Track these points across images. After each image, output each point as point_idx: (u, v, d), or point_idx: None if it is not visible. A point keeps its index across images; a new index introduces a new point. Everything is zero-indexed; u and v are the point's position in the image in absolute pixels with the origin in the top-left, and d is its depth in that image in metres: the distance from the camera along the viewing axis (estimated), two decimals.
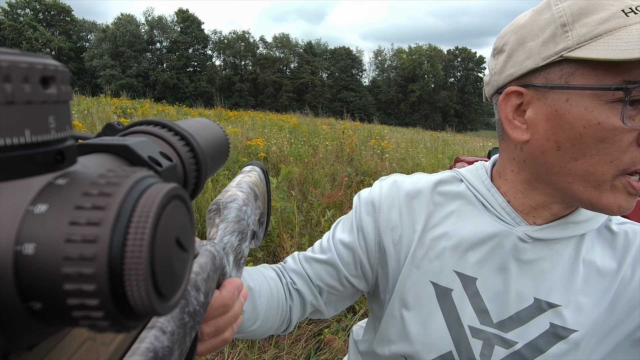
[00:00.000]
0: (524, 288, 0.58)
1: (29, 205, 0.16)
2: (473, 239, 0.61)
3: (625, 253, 0.57)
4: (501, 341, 0.58)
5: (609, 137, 0.47)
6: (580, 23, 0.49)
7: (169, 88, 44.87)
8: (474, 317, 0.60)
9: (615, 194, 0.50)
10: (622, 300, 0.55)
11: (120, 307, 0.16)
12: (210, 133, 0.33)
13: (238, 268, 0.42)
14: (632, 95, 0.45)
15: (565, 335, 0.56)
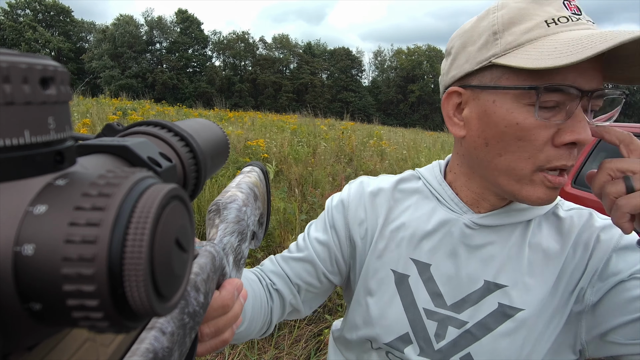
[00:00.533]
0: (474, 271, 0.63)
1: (28, 206, 0.16)
2: (426, 228, 0.66)
3: (569, 236, 0.61)
4: (454, 321, 0.63)
5: (525, 136, 0.52)
6: (509, 32, 0.53)
7: (168, 88, 44.87)
8: (428, 300, 0.65)
9: (535, 187, 0.55)
10: (564, 280, 0.60)
11: (119, 308, 0.16)
12: (210, 133, 0.33)
13: (238, 269, 0.42)
14: (543, 95, 0.51)
15: (512, 314, 0.60)
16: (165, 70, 46.33)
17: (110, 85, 38.42)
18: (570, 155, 0.53)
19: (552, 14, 0.52)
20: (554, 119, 0.52)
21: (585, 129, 0.51)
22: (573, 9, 0.53)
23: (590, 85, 0.51)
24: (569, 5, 0.53)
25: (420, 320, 0.65)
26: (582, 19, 0.53)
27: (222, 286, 0.39)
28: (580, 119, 0.52)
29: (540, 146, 0.52)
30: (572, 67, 0.50)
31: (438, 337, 0.64)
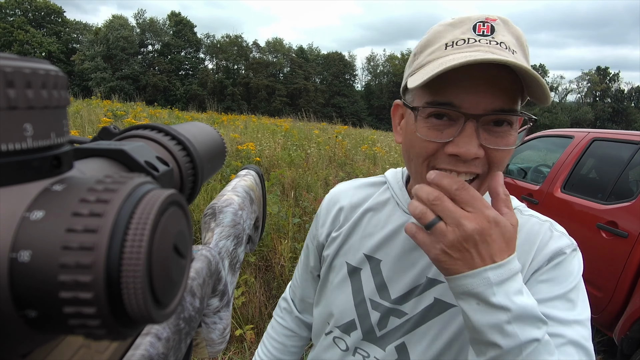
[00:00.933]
0: (419, 269, 0.68)
1: (25, 211, 0.16)
2: (384, 229, 0.72)
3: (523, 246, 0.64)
4: (395, 312, 0.69)
5: (419, 144, 0.59)
6: (422, 54, 0.60)
7: (159, 91, 44.60)
8: (375, 293, 0.71)
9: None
10: None
11: (117, 315, 0.16)
12: (207, 137, 0.32)
13: (233, 273, 0.42)
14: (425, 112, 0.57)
15: (445, 309, 0.65)
16: (157, 72, 46.07)
17: (101, 87, 38.07)
18: (462, 164, 0.57)
19: (455, 37, 0.56)
20: (447, 132, 0.57)
21: (467, 145, 0.55)
22: (482, 30, 0.56)
23: (479, 106, 0.54)
24: (480, 28, 0.56)
25: (366, 310, 0.71)
26: (482, 41, 0.55)
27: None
28: (466, 134, 0.55)
29: (432, 153, 0.58)
30: (456, 85, 0.55)
31: (380, 325, 0.70)
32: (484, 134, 0.56)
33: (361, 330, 0.72)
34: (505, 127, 0.57)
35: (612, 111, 57.44)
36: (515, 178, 3.69)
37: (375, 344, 0.71)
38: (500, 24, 0.57)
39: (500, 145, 0.57)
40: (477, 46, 0.55)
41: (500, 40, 0.55)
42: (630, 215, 2.41)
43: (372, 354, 0.71)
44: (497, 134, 0.57)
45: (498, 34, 0.56)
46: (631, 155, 2.66)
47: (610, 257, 2.43)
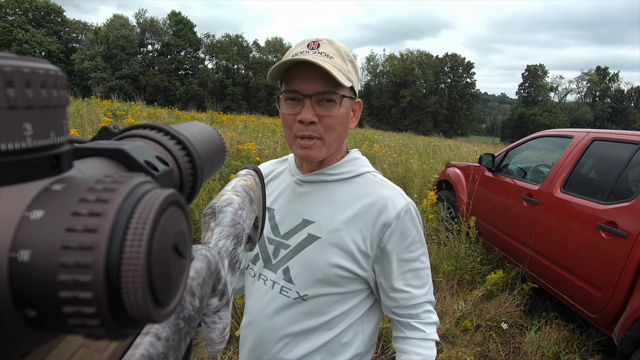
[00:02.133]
0: (298, 212, 0.96)
1: (24, 211, 0.16)
2: (278, 188, 1.03)
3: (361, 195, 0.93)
4: (283, 245, 0.96)
5: (285, 118, 0.89)
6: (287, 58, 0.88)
7: (159, 90, 44.56)
8: (270, 232, 0.98)
9: (297, 148, 0.90)
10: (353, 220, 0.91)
11: (116, 315, 0.16)
12: (207, 137, 0.32)
13: (233, 273, 0.42)
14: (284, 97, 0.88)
15: (314, 240, 0.92)
16: (157, 72, 46.03)
17: (100, 86, 38.04)
18: (305, 129, 0.86)
19: (297, 51, 0.88)
20: (297, 108, 0.87)
21: (305, 113, 0.85)
22: (312, 47, 0.87)
23: (310, 89, 0.85)
24: (312, 45, 0.87)
25: (264, 244, 0.98)
26: (310, 52, 0.86)
27: None
28: (305, 107, 0.85)
29: (291, 123, 0.88)
30: (297, 78, 0.86)
31: (274, 255, 0.97)
32: (318, 107, 0.86)
33: (262, 259, 0.98)
34: (332, 104, 0.87)
35: (612, 111, 57.43)
36: (514, 178, 3.69)
37: (270, 269, 0.96)
38: (325, 42, 0.88)
39: (328, 113, 0.86)
40: (306, 54, 0.85)
41: (322, 51, 0.86)
42: (629, 215, 2.41)
43: (269, 277, 0.96)
44: (326, 107, 0.86)
45: (321, 47, 0.87)
46: (631, 155, 2.66)
47: (610, 257, 2.43)
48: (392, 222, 0.89)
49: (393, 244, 0.90)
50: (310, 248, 0.92)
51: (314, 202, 0.95)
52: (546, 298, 3.40)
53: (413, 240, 0.93)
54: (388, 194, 0.93)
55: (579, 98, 62.07)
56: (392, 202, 0.91)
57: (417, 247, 0.93)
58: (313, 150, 0.88)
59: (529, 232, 3.19)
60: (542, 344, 2.74)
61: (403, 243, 0.91)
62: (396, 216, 0.90)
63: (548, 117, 53.10)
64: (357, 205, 0.92)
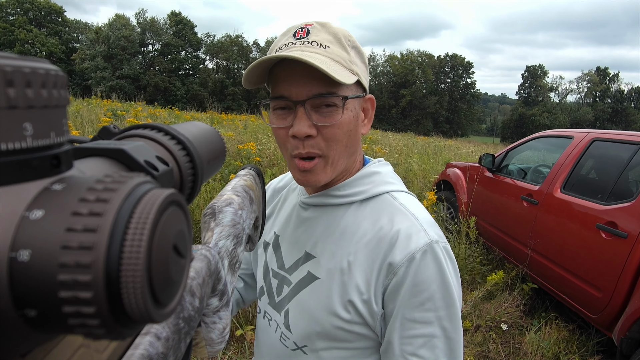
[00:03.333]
0: (301, 242, 0.78)
1: (24, 211, 0.16)
2: (286, 210, 0.85)
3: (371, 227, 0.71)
4: (287, 281, 0.78)
5: (275, 132, 0.70)
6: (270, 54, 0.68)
7: (160, 90, 44.56)
8: (275, 263, 0.82)
9: (294, 171, 0.71)
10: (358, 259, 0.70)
11: (116, 315, 0.16)
12: (207, 137, 0.32)
13: (233, 273, 0.42)
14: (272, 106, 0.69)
15: (312, 281, 0.74)
16: (157, 72, 46.03)
17: (100, 86, 38.02)
18: (302, 145, 0.67)
19: (281, 43, 0.69)
20: (289, 119, 0.67)
21: (298, 125, 0.65)
22: (300, 35, 0.68)
23: (302, 93, 0.65)
24: (299, 33, 0.68)
25: (269, 278, 0.82)
26: (297, 43, 0.67)
27: None
28: (298, 117, 0.66)
29: (285, 139, 0.69)
30: (284, 80, 0.66)
31: (277, 292, 0.80)
32: (316, 115, 0.66)
33: (267, 295, 0.82)
34: (332, 108, 0.66)
35: (612, 112, 57.43)
36: (515, 178, 3.69)
37: (275, 308, 0.80)
38: (316, 27, 0.68)
39: (328, 122, 0.66)
40: (291, 47, 0.67)
41: (313, 40, 0.67)
42: (629, 216, 2.41)
43: (274, 317, 0.80)
44: (326, 114, 0.66)
45: (311, 35, 0.67)
46: (631, 156, 2.65)
47: (610, 258, 2.43)
48: (401, 266, 0.64)
49: (400, 297, 0.65)
50: (308, 290, 0.73)
51: (317, 232, 0.75)
52: (546, 298, 3.40)
53: (431, 296, 0.63)
54: (404, 226, 0.67)
55: (579, 98, 62.06)
56: (406, 237, 0.66)
57: (435, 307, 0.64)
58: (314, 173, 0.68)
59: (529, 233, 3.19)
60: (542, 345, 2.74)
61: (414, 299, 0.64)
62: (408, 259, 0.64)
63: (548, 118, 53.10)
64: (365, 239, 0.69)
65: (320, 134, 0.66)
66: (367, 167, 0.77)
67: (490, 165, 3.97)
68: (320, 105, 0.66)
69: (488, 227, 3.85)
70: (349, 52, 0.69)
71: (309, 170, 0.68)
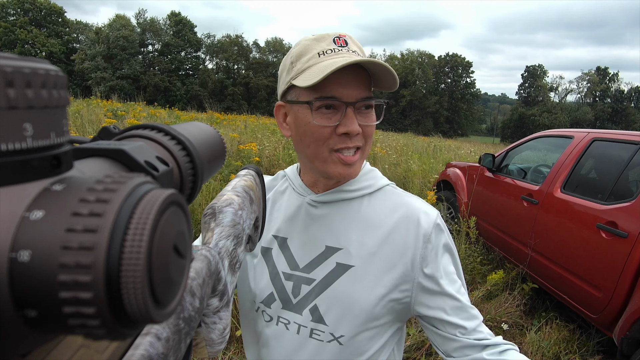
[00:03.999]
0: (318, 239, 0.81)
1: (24, 211, 0.16)
2: (286, 210, 0.86)
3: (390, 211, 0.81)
4: (305, 280, 0.81)
5: (316, 130, 0.74)
6: (298, 61, 0.75)
7: (160, 91, 44.58)
8: (286, 265, 0.83)
9: (335, 165, 0.76)
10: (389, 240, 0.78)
11: (116, 315, 0.16)
12: (207, 137, 0.32)
13: (233, 273, 0.42)
14: (315, 104, 0.72)
15: (345, 270, 0.78)
16: (157, 72, 46.05)
17: (100, 86, 38.02)
18: (350, 141, 0.74)
19: (323, 48, 0.74)
20: (334, 118, 0.73)
21: (352, 124, 0.72)
22: (340, 43, 0.75)
23: (352, 96, 0.72)
24: (338, 41, 0.75)
25: (281, 282, 0.83)
26: (343, 50, 0.74)
27: None
28: (349, 117, 0.72)
29: (328, 136, 0.74)
30: (335, 82, 0.71)
31: (294, 293, 0.81)
32: (359, 116, 0.74)
33: (280, 300, 0.82)
34: (370, 110, 0.77)
35: (612, 111, 57.44)
36: (515, 178, 3.69)
37: (293, 310, 0.81)
38: (349, 38, 0.76)
39: (369, 122, 0.76)
40: (341, 54, 0.73)
41: (353, 49, 0.75)
42: (630, 216, 2.41)
43: (292, 319, 0.81)
44: (366, 115, 0.76)
45: (350, 46, 0.76)
46: (631, 156, 2.65)
47: (610, 258, 2.43)
48: (431, 233, 0.78)
49: (438, 257, 0.78)
50: (343, 280, 0.78)
51: (336, 225, 0.81)
52: (546, 298, 3.40)
53: (452, 251, 0.82)
54: (418, 204, 0.82)
55: (579, 98, 62.06)
56: (424, 212, 0.80)
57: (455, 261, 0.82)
58: (356, 166, 0.76)
59: (529, 232, 3.19)
60: (543, 344, 2.74)
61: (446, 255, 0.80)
62: (434, 226, 0.79)
63: (548, 118, 53.10)
64: (390, 222, 0.79)
65: (362, 132, 0.75)
66: (365, 166, 0.87)
67: (490, 165, 3.97)
68: (361, 107, 0.75)
69: (488, 227, 3.85)
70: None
71: (352, 164, 0.76)
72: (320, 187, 0.84)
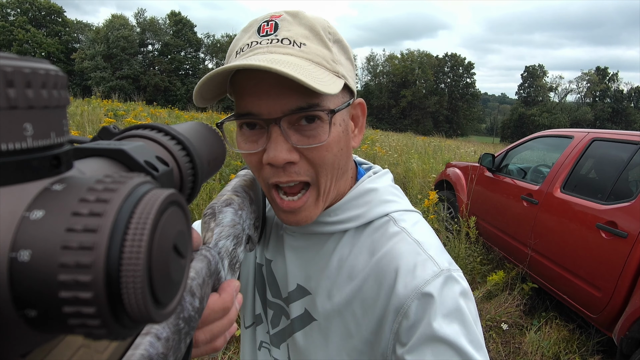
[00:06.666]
0: (293, 273, 0.66)
1: (25, 211, 0.16)
2: (276, 230, 0.70)
3: (370, 259, 0.60)
4: (285, 312, 0.68)
5: (247, 161, 0.55)
6: (226, 61, 0.56)
7: (160, 91, 44.56)
8: (269, 291, 0.70)
9: (278, 210, 0.57)
10: (358, 299, 0.59)
11: (116, 315, 0.16)
12: (207, 137, 0.32)
13: (233, 272, 0.42)
14: (238, 124, 0.54)
15: (309, 321, 0.63)
16: (157, 72, 46.04)
17: (100, 86, 38.00)
18: (282, 173, 0.53)
19: (243, 42, 0.54)
20: (260, 141, 0.54)
21: (275, 150, 0.51)
22: (266, 30, 0.54)
23: (276, 109, 0.51)
24: (264, 28, 0.54)
25: (266, 307, 0.71)
26: (263, 42, 0.53)
27: (222, 288, 0.38)
28: (273, 140, 0.52)
29: (258, 165, 0.54)
30: (249, 93, 0.52)
31: (273, 323, 0.70)
32: (296, 135, 0.53)
33: (266, 323, 0.72)
34: (316, 123, 0.53)
35: (612, 111, 57.44)
36: (515, 178, 3.69)
37: (271, 343, 0.70)
38: (286, 18, 0.54)
39: (313, 143, 0.52)
40: (256, 49, 0.53)
41: (283, 37, 0.52)
42: (629, 216, 2.41)
43: (273, 352, 0.71)
44: (309, 132, 0.53)
45: (282, 30, 0.53)
46: (631, 156, 2.66)
47: (610, 257, 2.43)
48: (410, 303, 0.53)
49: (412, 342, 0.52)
50: (305, 333, 0.63)
51: (310, 263, 0.64)
52: (546, 298, 3.40)
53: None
54: (409, 253, 0.57)
55: (578, 98, 62.07)
56: (412, 266, 0.55)
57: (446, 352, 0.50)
58: (304, 211, 0.56)
59: (529, 232, 3.19)
60: (542, 344, 2.74)
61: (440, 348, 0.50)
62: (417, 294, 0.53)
63: (548, 118, 53.10)
64: (365, 273, 0.58)
65: (304, 158, 0.53)
66: (361, 183, 0.63)
67: (490, 165, 3.97)
68: (298, 121, 0.53)
69: (488, 227, 3.85)
70: (330, 49, 0.54)
71: (295, 211, 0.56)
72: None
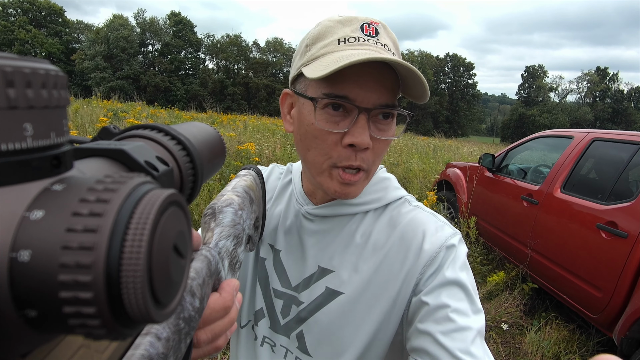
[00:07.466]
0: (312, 257, 0.70)
1: (25, 211, 0.16)
2: (283, 218, 0.74)
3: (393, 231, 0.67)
4: (295, 300, 0.70)
5: (319, 135, 0.60)
6: (314, 45, 0.61)
7: (160, 91, 44.58)
8: (277, 281, 0.72)
9: (332, 181, 0.62)
10: (384, 270, 0.65)
11: (117, 315, 0.16)
12: (207, 137, 0.32)
13: (233, 273, 0.42)
14: (321, 103, 0.58)
15: (334, 297, 0.66)
16: (157, 72, 46.06)
17: (100, 86, 38.02)
18: (355, 157, 0.60)
19: (346, 34, 0.60)
20: (342, 124, 0.59)
21: (362, 135, 0.57)
22: (369, 32, 0.60)
23: (370, 100, 0.57)
24: (367, 29, 0.60)
25: (271, 298, 0.73)
26: (370, 41, 0.59)
27: (221, 287, 0.39)
28: (360, 126, 0.58)
29: (332, 146, 0.60)
30: (351, 80, 0.57)
31: (283, 313, 0.71)
32: (373, 127, 0.60)
33: (268, 317, 0.73)
34: (389, 120, 0.61)
35: (612, 112, 57.43)
36: (515, 178, 3.69)
37: (280, 332, 0.72)
38: (382, 27, 0.61)
39: (386, 136, 0.61)
40: (366, 45, 0.58)
41: (384, 42, 0.60)
42: (629, 216, 2.41)
43: (278, 342, 0.72)
44: (383, 126, 0.61)
45: (381, 37, 0.60)
46: (631, 156, 2.66)
47: (610, 258, 2.43)
48: (435, 255, 0.62)
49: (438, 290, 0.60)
50: (330, 308, 0.66)
51: (332, 244, 0.69)
52: (546, 298, 3.40)
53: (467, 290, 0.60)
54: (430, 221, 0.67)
55: (579, 98, 62.06)
56: (434, 229, 0.65)
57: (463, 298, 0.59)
58: (355, 186, 0.63)
59: (529, 233, 3.19)
60: (543, 344, 2.74)
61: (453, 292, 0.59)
62: (443, 246, 0.63)
63: (548, 118, 53.10)
64: (389, 243, 0.66)
65: (373, 147, 0.61)
66: (377, 172, 0.72)
67: (490, 165, 3.97)
68: (377, 115, 0.60)
69: (488, 227, 3.85)
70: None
71: (351, 184, 0.62)
72: (318, 198, 0.72)
